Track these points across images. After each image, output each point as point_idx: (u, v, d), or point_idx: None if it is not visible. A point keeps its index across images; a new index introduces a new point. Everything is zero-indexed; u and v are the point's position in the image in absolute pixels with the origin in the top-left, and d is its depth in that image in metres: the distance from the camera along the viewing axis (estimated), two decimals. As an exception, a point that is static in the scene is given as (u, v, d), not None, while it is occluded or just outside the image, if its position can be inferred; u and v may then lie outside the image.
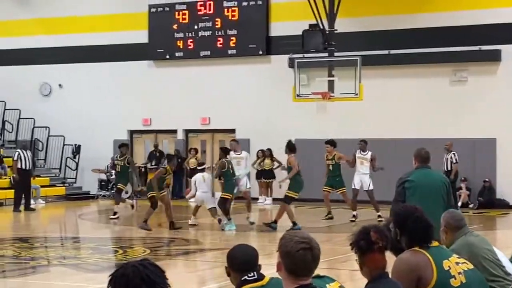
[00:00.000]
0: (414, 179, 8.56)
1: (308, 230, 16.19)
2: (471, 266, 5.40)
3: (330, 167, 19.09)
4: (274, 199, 24.24)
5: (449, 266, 5.19)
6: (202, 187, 17.94)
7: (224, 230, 17.23)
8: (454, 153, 22.02)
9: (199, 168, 18.72)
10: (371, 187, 19.35)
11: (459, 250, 6.23)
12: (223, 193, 17.68)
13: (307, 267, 3.87)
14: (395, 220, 5.40)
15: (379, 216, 18.89)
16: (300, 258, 3.84)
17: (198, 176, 18.23)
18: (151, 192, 17.60)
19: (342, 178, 19.17)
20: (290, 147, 17.70)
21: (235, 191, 18.20)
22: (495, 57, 22.78)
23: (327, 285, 4.43)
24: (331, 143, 19.20)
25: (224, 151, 18.39)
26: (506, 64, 22.68)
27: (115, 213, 19.66)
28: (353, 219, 18.96)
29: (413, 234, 5.26)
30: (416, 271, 5.12)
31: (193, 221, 18.10)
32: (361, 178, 19.42)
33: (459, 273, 5.23)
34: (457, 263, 5.28)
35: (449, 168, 21.76)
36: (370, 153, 19.65)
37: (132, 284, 3.17)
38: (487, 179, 22.64)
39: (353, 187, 19.43)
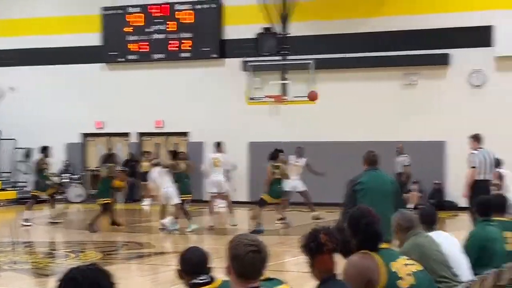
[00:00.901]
0: (364, 181, 8.65)
1: (261, 233, 16.20)
2: (420, 267, 5.45)
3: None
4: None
5: (397, 268, 5.23)
6: (164, 183, 17.70)
7: (171, 231, 17.20)
8: (406, 156, 22.29)
9: (154, 166, 18.42)
10: (304, 188, 19.36)
11: (409, 250, 6.30)
12: (180, 196, 17.65)
13: (256, 269, 3.89)
14: (348, 221, 5.43)
15: (315, 215, 18.97)
16: (248, 261, 3.86)
17: (154, 174, 18.09)
18: (104, 199, 17.62)
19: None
20: (270, 155, 17.75)
21: (215, 190, 18.12)
22: (444, 61, 23.08)
23: None
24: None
25: (173, 154, 18.43)
26: (455, 68, 23.00)
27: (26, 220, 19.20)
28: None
29: (365, 237, 5.29)
30: (365, 274, 5.15)
31: (164, 225, 17.65)
32: (294, 183, 19.24)
33: (408, 274, 5.28)
34: (405, 265, 5.33)
35: (400, 171, 22.01)
36: (304, 159, 19.67)
37: (80, 288, 3.13)
38: (437, 181, 22.92)
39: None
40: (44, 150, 19.89)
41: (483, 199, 7.97)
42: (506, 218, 8.31)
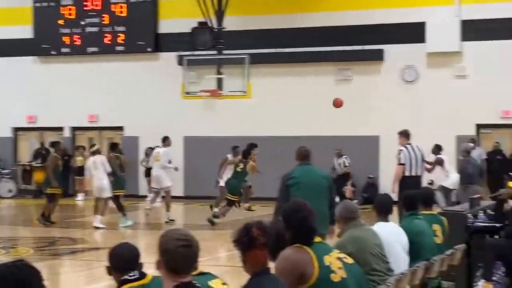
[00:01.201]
0: (297, 176, 8.74)
1: (196, 227, 16.18)
2: (351, 261, 5.52)
3: None
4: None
5: (330, 262, 5.28)
6: (97, 174, 17.25)
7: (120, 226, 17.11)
8: (346, 157, 22.56)
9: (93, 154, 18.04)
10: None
11: (346, 242, 6.38)
12: (114, 191, 17.47)
13: (187, 264, 3.87)
14: (283, 215, 5.45)
15: (248, 206, 19.09)
16: (179, 255, 3.84)
17: (89, 162, 17.71)
18: (51, 188, 17.58)
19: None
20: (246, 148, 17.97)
21: (155, 185, 18.23)
22: (378, 56, 23.36)
23: (208, 282, 4.42)
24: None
25: (112, 147, 18.26)
26: (389, 64, 23.29)
27: None
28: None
29: (298, 231, 5.33)
30: (298, 267, 5.18)
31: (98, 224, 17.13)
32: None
33: (339, 268, 5.34)
34: (338, 258, 5.38)
35: (339, 173, 22.33)
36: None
37: (6, 286, 3.08)
38: (371, 175, 23.20)
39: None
40: None
41: (409, 194, 8.06)
42: (434, 211, 8.45)
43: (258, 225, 4.81)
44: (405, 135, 14.43)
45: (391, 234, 6.87)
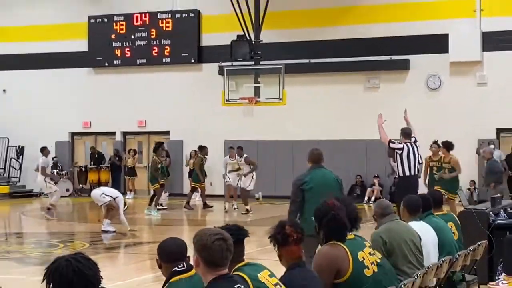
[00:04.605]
0: (310, 180, 8.39)
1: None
2: (380, 256, 5.49)
3: None
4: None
5: (363, 257, 5.25)
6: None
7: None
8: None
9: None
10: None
11: (381, 232, 6.37)
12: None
13: (224, 256, 3.87)
14: (315, 215, 5.42)
15: (247, 210, 19.30)
16: (216, 248, 3.83)
17: None
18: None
19: None
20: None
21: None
22: (404, 66, 23.18)
23: (258, 274, 4.42)
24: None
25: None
26: (414, 73, 23.11)
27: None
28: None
29: (328, 231, 5.31)
30: (335, 263, 5.15)
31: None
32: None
33: (372, 263, 5.29)
34: (370, 254, 5.35)
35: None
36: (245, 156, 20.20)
37: (65, 276, 3.13)
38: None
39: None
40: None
41: (423, 196, 7.80)
42: (445, 211, 8.38)
43: (290, 223, 4.83)
44: (404, 133, 13.93)
45: (422, 233, 6.78)
